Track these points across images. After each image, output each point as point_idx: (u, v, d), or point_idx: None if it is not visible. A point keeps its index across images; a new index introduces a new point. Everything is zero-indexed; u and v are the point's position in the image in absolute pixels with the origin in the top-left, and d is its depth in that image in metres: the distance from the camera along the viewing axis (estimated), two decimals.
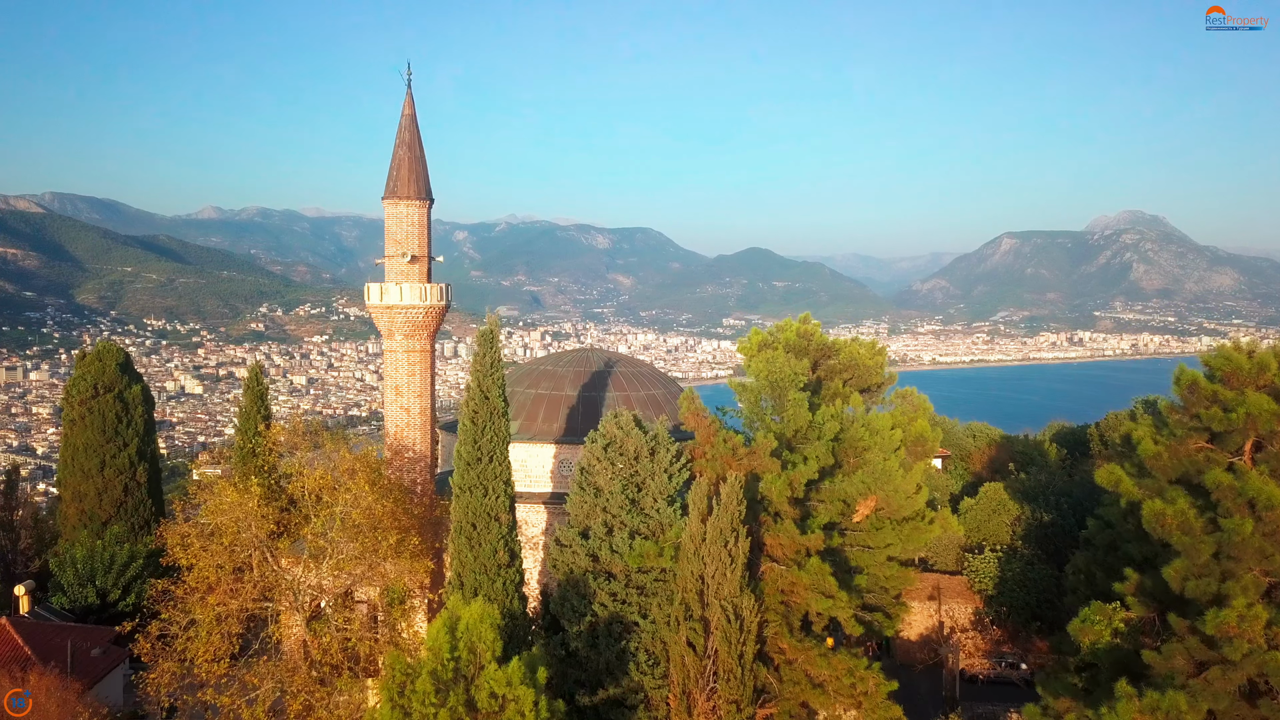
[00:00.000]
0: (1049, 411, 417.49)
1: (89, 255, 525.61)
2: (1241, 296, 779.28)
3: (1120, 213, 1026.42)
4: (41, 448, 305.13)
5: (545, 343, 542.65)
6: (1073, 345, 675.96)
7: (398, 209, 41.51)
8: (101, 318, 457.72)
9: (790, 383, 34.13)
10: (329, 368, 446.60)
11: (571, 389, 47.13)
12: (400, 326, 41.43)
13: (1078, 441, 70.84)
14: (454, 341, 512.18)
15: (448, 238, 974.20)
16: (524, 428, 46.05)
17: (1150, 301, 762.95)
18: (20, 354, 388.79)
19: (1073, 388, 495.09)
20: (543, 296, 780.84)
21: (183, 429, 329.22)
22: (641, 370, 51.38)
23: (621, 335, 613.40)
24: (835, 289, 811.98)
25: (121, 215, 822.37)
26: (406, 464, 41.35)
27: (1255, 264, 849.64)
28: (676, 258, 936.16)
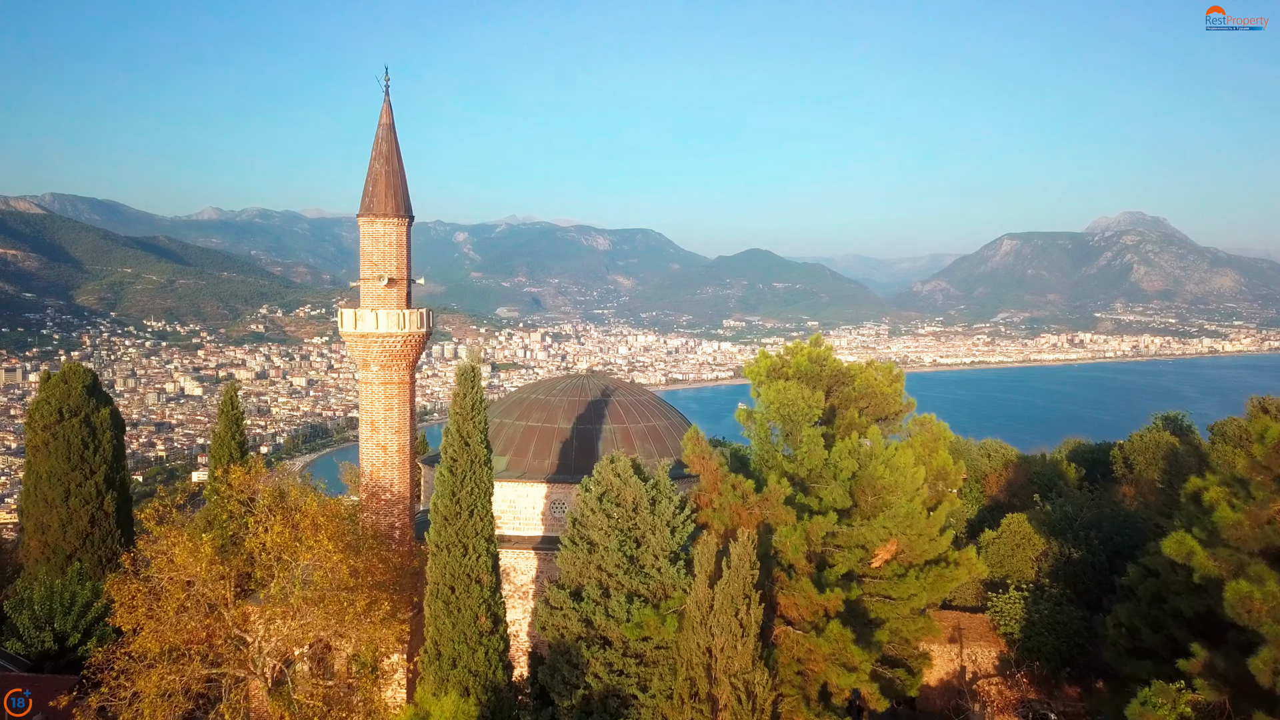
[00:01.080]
0: (1051, 414, 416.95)
1: (89, 256, 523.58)
2: (1242, 298, 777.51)
3: (1121, 214, 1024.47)
4: None
5: (545, 344, 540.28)
6: (1073, 347, 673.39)
7: (374, 227, 37.78)
8: (101, 319, 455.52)
9: (804, 417, 31.32)
10: (329, 369, 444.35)
11: (565, 421, 43.07)
12: (376, 356, 37.39)
13: (1097, 461, 66.69)
14: (454, 343, 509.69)
15: (448, 239, 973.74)
16: (513, 464, 42.43)
17: (1151, 303, 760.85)
18: (20, 355, 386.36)
19: (1075, 390, 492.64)
20: (543, 298, 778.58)
21: (182, 431, 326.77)
22: (642, 399, 46.74)
23: (622, 336, 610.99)
24: (836, 290, 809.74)
25: (122, 216, 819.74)
26: (383, 507, 37.37)
27: (1256, 265, 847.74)
28: (677, 259, 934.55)
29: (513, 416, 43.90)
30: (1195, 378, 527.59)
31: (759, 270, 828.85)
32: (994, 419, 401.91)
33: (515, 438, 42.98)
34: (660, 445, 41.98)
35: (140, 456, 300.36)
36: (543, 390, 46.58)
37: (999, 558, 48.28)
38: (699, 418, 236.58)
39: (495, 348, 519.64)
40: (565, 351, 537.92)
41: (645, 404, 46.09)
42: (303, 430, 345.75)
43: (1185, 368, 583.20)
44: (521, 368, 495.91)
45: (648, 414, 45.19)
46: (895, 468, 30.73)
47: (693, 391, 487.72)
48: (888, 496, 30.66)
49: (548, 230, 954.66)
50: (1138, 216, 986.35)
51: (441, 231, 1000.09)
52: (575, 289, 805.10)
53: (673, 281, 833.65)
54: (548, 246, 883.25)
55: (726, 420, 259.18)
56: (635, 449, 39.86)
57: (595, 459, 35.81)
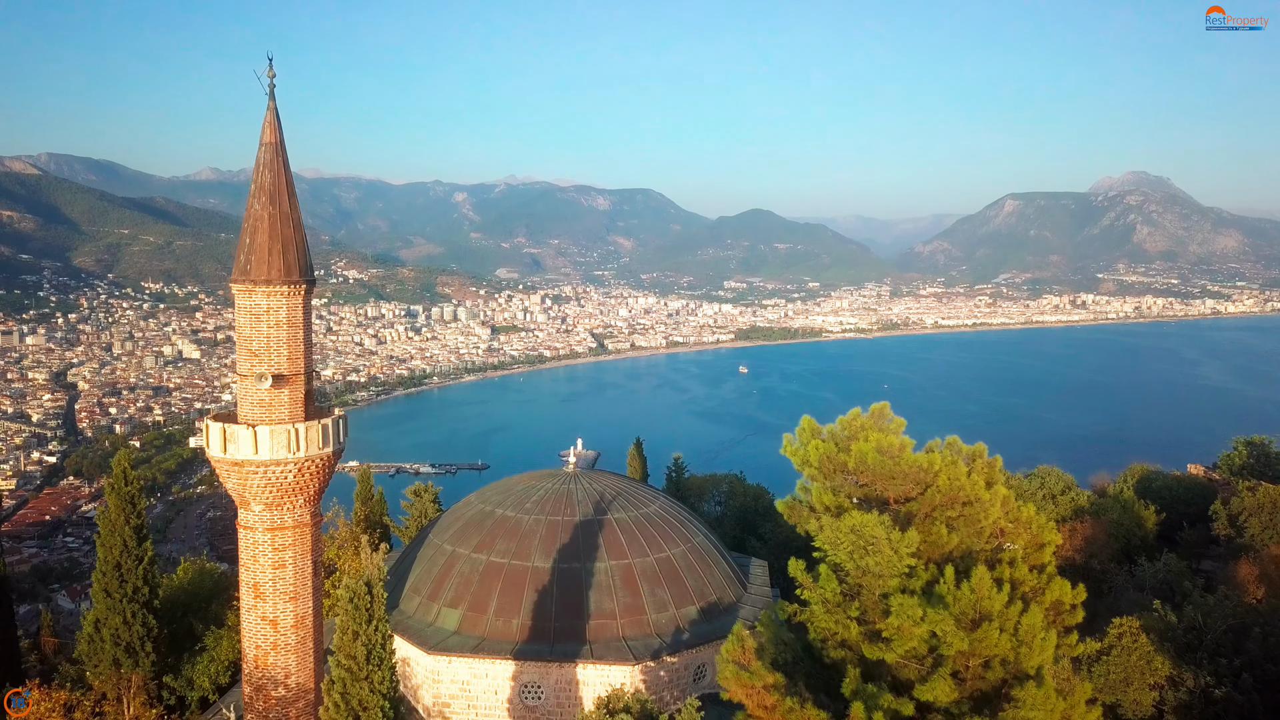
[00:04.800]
0: (1056, 379, 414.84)
1: (86, 218, 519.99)
2: (1245, 259, 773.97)
3: (1125, 174, 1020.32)
4: (36, 414, 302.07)
5: (545, 306, 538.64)
6: (1075, 308, 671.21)
7: (253, 299, 25.37)
8: (99, 281, 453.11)
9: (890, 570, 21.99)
10: (328, 331, 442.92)
11: (543, 555, 29.86)
12: (259, 492, 25.31)
13: (1176, 499, 57.25)
14: (453, 305, 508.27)
15: (447, 199, 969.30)
16: (468, 623, 29.36)
17: (1154, 264, 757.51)
18: (16, 318, 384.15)
19: (1079, 353, 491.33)
20: (543, 259, 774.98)
21: (179, 395, 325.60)
22: (648, 513, 32.40)
23: (622, 299, 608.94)
24: (837, 251, 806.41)
25: (118, 177, 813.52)
26: (274, 707, 26.34)
27: (1260, 226, 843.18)
28: (677, 219, 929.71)
29: (469, 544, 30.56)
30: (1198, 340, 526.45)
31: (760, 231, 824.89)
32: (999, 383, 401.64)
33: (472, 581, 29.86)
34: (678, 590, 29.86)
35: (138, 422, 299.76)
36: (512, 500, 32.52)
37: (1109, 681, 36.13)
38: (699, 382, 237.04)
39: (495, 310, 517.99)
40: (565, 314, 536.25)
41: (654, 519, 32.29)
42: None
43: (1188, 329, 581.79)
44: (521, 330, 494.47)
45: (658, 537, 31.80)
46: (1023, 638, 21.61)
47: (693, 355, 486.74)
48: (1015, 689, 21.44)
49: (547, 190, 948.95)
50: (1141, 177, 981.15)
51: (440, 191, 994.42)
52: (575, 250, 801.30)
53: (673, 242, 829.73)
54: (547, 207, 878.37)
55: (727, 384, 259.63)
56: (642, 600, 28.97)
57: (584, 619, 27.44)
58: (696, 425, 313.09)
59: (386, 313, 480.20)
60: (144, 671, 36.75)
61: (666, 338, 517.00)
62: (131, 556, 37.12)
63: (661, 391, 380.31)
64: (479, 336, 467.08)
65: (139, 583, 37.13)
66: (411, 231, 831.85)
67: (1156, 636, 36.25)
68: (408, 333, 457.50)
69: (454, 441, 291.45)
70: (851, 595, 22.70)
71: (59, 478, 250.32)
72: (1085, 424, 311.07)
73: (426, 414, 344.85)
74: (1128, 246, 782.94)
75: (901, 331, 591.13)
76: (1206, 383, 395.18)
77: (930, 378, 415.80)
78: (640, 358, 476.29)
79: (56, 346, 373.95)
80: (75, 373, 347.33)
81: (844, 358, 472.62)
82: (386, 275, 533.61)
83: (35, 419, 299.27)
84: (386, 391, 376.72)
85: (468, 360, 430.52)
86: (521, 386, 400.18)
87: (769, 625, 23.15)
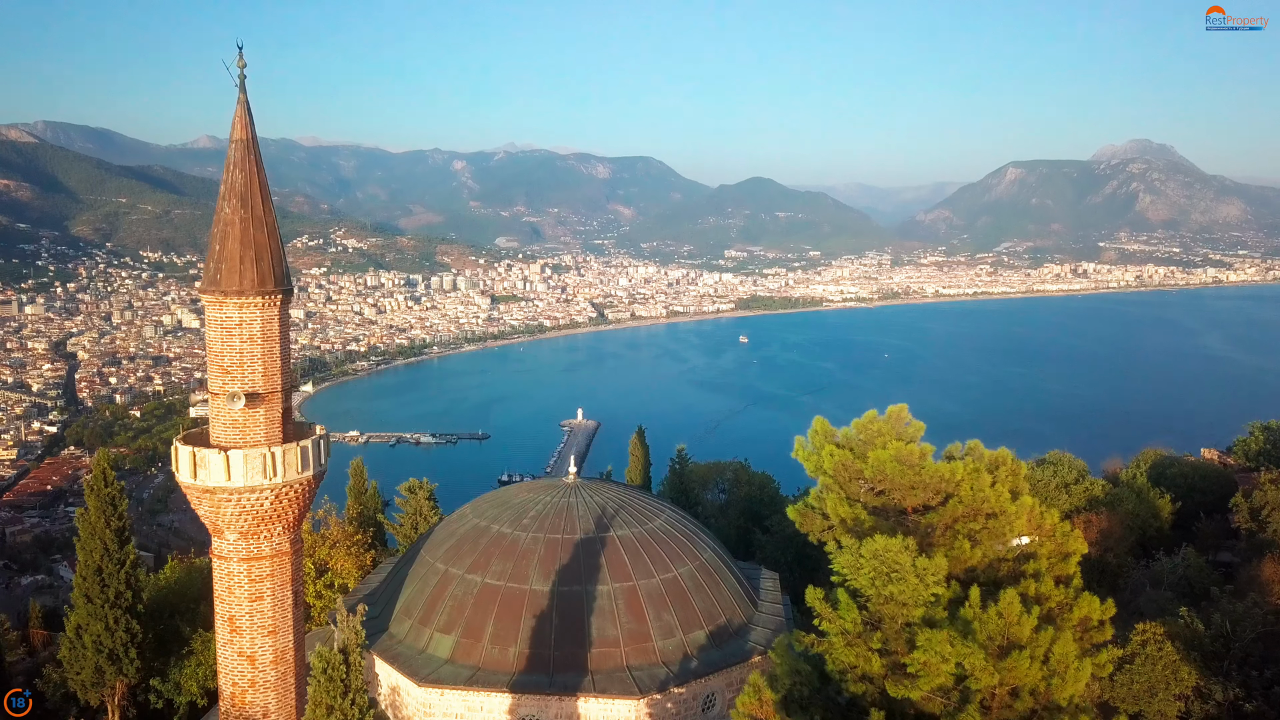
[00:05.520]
0: (1057, 348, 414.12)
1: (83, 186, 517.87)
2: (1248, 227, 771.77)
3: (1128, 142, 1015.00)
4: (37, 384, 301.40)
5: (545, 275, 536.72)
6: (1077, 277, 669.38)
7: (224, 311, 22.98)
8: (97, 250, 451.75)
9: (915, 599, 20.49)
10: (327, 301, 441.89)
11: (541, 577, 27.18)
12: (233, 520, 23.04)
13: (1192, 488, 55.38)
14: (453, 274, 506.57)
15: (446, 167, 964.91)
16: (462, 651, 26.67)
17: (1155, 232, 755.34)
18: (15, 287, 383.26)
19: (1079, 322, 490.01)
20: (542, 228, 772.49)
21: (179, 364, 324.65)
22: (653, 528, 29.58)
23: (622, 268, 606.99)
24: (838, 220, 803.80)
25: (115, 145, 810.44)
26: None
27: (1263, 194, 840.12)
28: (678, 188, 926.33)
29: (463, 564, 27.70)
30: (1199, 309, 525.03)
31: (761, 199, 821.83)
32: (1000, 353, 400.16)
33: (466, 605, 27.07)
34: (686, 614, 27.20)
35: (138, 391, 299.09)
36: (509, 516, 29.43)
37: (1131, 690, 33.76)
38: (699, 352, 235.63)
39: (494, 279, 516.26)
40: (565, 283, 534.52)
41: (659, 535, 29.51)
42: (301, 364, 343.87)
43: (1189, 298, 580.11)
44: (521, 300, 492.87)
45: (664, 555, 28.90)
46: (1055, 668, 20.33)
47: (693, 325, 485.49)
48: None
49: (547, 159, 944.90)
50: (1145, 144, 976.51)
51: (439, 160, 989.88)
52: (575, 219, 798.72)
53: (674, 211, 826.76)
54: (547, 175, 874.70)
55: (728, 355, 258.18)
56: (647, 625, 26.58)
57: (585, 647, 25.21)
58: (697, 396, 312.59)
59: (386, 282, 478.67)
60: (128, 679, 35.70)
61: (667, 307, 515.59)
62: (113, 560, 35.66)
63: (662, 362, 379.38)
64: (479, 306, 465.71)
65: (121, 587, 35.68)
66: (410, 200, 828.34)
67: (1182, 644, 34.26)
68: (407, 302, 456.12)
69: (454, 411, 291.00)
70: (873, 625, 21.47)
71: (59, 447, 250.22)
72: (1086, 395, 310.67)
73: (427, 384, 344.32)
74: (1130, 215, 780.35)
75: (902, 301, 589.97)
76: (1207, 352, 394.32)
77: (930, 348, 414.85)
78: (640, 327, 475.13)
79: (56, 316, 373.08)
80: (75, 342, 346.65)
81: (844, 327, 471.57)
82: (386, 244, 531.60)
83: (35, 389, 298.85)
84: (386, 361, 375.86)
85: (467, 330, 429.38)
86: (522, 356, 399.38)
87: (784, 656, 21.88)
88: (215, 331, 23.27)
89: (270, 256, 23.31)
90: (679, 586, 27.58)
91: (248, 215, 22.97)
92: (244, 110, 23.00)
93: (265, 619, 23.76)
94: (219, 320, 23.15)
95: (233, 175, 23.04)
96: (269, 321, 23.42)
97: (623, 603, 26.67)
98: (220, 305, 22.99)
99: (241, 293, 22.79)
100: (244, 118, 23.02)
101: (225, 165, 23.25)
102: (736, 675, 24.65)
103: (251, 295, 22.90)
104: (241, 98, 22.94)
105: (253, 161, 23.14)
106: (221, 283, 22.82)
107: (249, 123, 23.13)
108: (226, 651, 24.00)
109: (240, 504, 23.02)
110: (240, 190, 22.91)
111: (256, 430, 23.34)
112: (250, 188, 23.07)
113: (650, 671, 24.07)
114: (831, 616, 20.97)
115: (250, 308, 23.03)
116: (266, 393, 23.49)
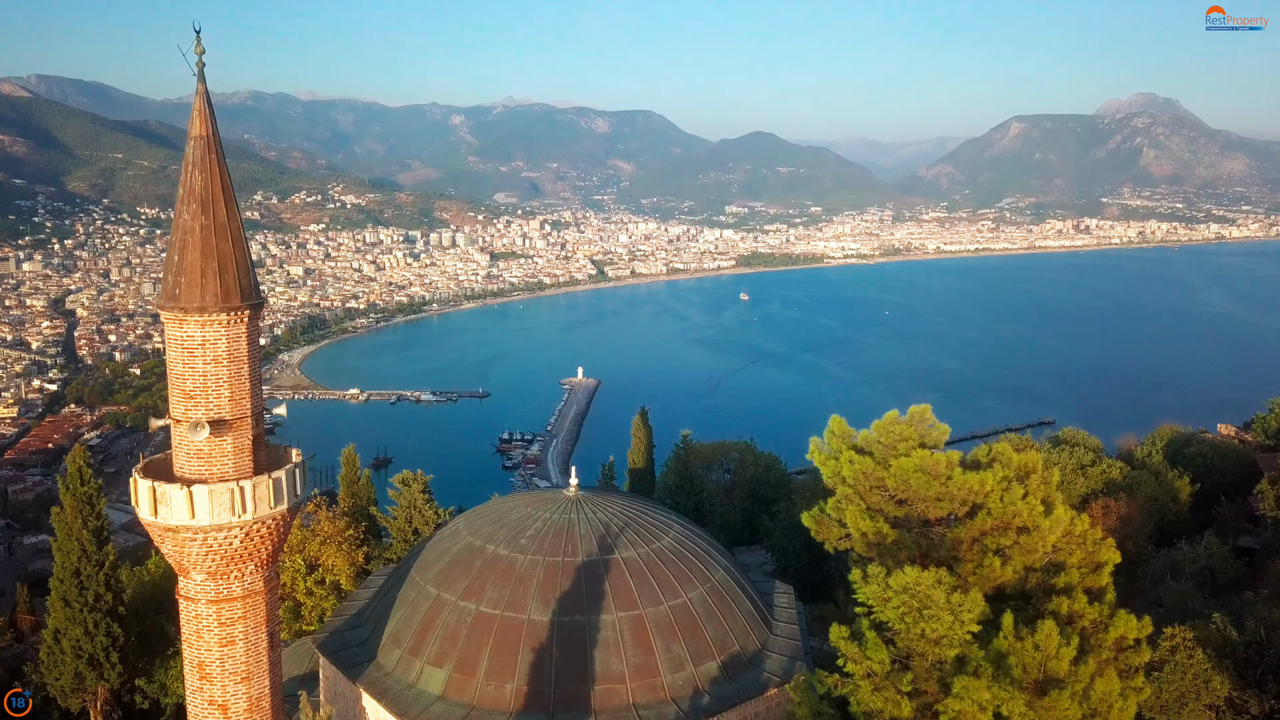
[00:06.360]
0: (1057, 304, 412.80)
1: (78, 142, 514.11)
2: (1252, 182, 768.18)
3: (1132, 96, 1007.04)
4: (36, 342, 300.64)
5: (544, 232, 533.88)
6: (1079, 233, 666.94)
7: (184, 330, 20.39)
8: (94, 206, 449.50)
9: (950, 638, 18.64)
10: (326, 258, 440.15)
11: (540, 606, 24.26)
12: (199, 561, 20.61)
13: (1209, 467, 53.95)
14: (451, 231, 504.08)
15: (444, 122, 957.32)
16: (455, 687, 23.69)
17: (1159, 188, 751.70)
18: (12, 244, 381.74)
19: (1081, 278, 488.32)
20: (541, 183, 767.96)
21: None
22: (661, 546, 26.38)
23: (622, 224, 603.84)
24: (839, 175, 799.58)
25: (110, 100, 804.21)
26: None
27: (1268, 148, 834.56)
28: (678, 142, 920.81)
29: (456, 589, 24.80)
30: (1202, 265, 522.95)
31: (762, 154, 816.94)
32: (1000, 310, 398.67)
33: (459, 635, 24.10)
34: (697, 644, 24.31)
35: (137, 349, 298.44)
36: (505, 535, 26.30)
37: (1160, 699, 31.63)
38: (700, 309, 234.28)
39: (493, 235, 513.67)
40: (565, 240, 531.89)
41: (668, 556, 26.27)
42: (300, 321, 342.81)
43: (1191, 254, 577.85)
44: (520, 256, 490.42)
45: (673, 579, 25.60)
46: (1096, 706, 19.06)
47: (694, 282, 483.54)
48: None
49: (546, 113, 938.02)
50: (1150, 99, 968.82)
51: (437, 114, 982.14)
52: (574, 174, 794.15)
53: (674, 166, 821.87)
54: (546, 129, 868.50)
55: (728, 312, 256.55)
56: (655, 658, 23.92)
57: (588, 683, 23.00)
58: (697, 354, 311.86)
59: (385, 238, 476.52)
60: (110, 684, 34.41)
61: (667, 264, 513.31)
62: (91, 562, 34.08)
63: (662, 319, 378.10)
64: (478, 263, 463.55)
65: (101, 589, 34.17)
66: (409, 155, 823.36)
67: (1214, 651, 32.11)
68: (406, 259, 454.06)
69: (455, 369, 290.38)
70: (902, 663, 20.07)
71: (60, 405, 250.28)
72: (1087, 353, 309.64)
73: (427, 341, 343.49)
74: (1133, 170, 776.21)
75: (903, 257, 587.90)
76: (1209, 310, 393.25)
77: (931, 304, 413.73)
78: (640, 285, 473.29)
79: (54, 273, 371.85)
80: (73, 300, 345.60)
81: (845, 284, 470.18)
82: (384, 200, 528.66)
83: (35, 346, 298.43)
84: (386, 318, 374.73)
85: (467, 287, 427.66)
86: (521, 314, 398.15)
87: (805, 697, 20.46)
88: (176, 352, 20.62)
89: (236, 267, 20.45)
90: (689, 614, 25.13)
91: (209, 222, 20.15)
92: (203, 103, 20.46)
93: (238, 665, 21.37)
94: (179, 340, 20.49)
95: (191, 176, 20.20)
96: (235, 340, 20.63)
97: (628, 634, 24.20)
98: (180, 323, 20.35)
99: (204, 309, 20.11)
100: (204, 111, 20.44)
101: (183, 165, 20.47)
102: (751, 710, 22.49)
103: (215, 312, 20.17)
104: (201, 89, 20.43)
105: (214, 160, 20.38)
106: (181, 298, 20.19)
107: (210, 117, 20.52)
108: (196, 700, 21.62)
109: (207, 543, 20.52)
110: (201, 193, 20.10)
111: (223, 462, 20.63)
112: (212, 190, 20.24)
113: (659, 710, 22.07)
114: (858, 657, 19.46)
115: (214, 325, 20.31)
116: (234, 419, 20.67)
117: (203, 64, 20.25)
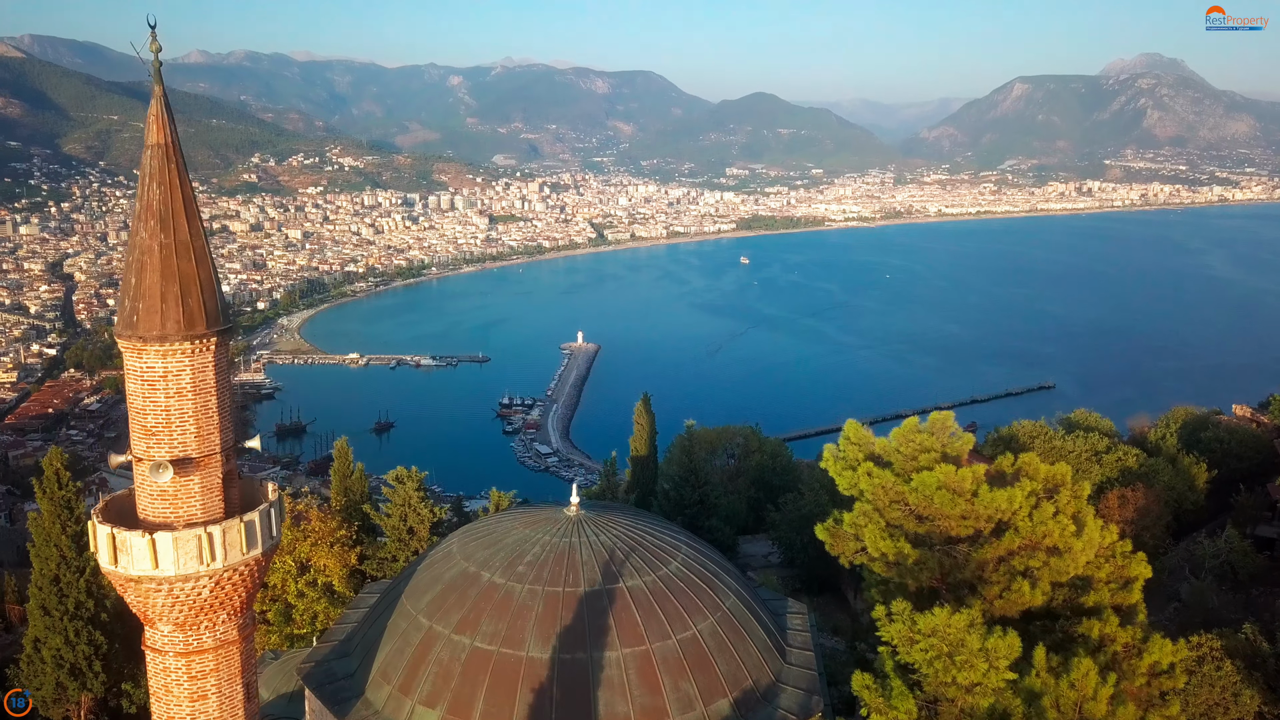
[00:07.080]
0: (1058, 268, 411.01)
1: (73, 103, 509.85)
2: (1256, 144, 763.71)
3: (1137, 56, 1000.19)
4: (34, 306, 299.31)
5: (543, 195, 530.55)
6: (1081, 196, 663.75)
7: (144, 360, 17.83)
8: (90, 169, 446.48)
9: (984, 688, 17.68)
10: (324, 221, 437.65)
11: (540, 641, 22.02)
12: (165, 612, 18.50)
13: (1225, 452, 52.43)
14: (450, 193, 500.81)
15: (442, 83, 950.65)
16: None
17: (1162, 150, 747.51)
18: (9, 207, 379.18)
19: (1083, 242, 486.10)
20: (540, 145, 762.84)
21: None
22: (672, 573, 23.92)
23: (622, 187, 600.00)
24: (841, 137, 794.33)
25: (105, 60, 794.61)
26: None
27: (1273, 110, 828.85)
28: (679, 103, 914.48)
29: (449, 621, 22.70)
30: (1204, 228, 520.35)
31: (763, 116, 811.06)
32: (1001, 273, 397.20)
33: (453, 673, 21.93)
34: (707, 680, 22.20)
35: None
36: (501, 560, 23.98)
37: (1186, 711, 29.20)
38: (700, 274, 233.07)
39: (492, 198, 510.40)
40: (564, 203, 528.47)
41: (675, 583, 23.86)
42: (299, 285, 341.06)
43: (1194, 217, 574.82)
44: (519, 220, 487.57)
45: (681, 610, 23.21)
46: None
47: (694, 246, 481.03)
48: None
49: (545, 74, 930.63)
50: (1155, 59, 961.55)
51: (435, 75, 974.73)
52: (573, 136, 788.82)
53: (674, 127, 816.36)
54: (545, 90, 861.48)
55: (728, 276, 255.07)
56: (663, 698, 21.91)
57: None
58: (698, 318, 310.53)
59: (383, 201, 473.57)
60: (93, 693, 33.22)
61: (667, 228, 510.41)
62: (71, 569, 32.81)
63: (662, 284, 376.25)
64: (477, 226, 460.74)
65: (81, 597, 32.88)
66: (407, 117, 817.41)
67: (1243, 663, 30.89)
68: (405, 222, 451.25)
69: (454, 333, 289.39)
70: (929, 710, 18.87)
71: (59, 370, 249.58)
72: (1088, 316, 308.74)
73: (426, 305, 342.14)
74: (1137, 132, 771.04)
75: (905, 220, 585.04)
76: (1210, 273, 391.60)
77: (932, 268, 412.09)
78: (640, 248, 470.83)
79: (51, 236, 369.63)
80: (71, 263, 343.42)
81: (846, 248, 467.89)
82: (383, 163, 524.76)
83: (33, 310, 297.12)
84: (385, 282, 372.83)
85: (466, 251, 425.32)
86: (521, 278, 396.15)
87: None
88: (135, 385, 18.05)
89: (200, 290, 17.94)
90: (699, 647, 22.76)
91: (169, 240, 17.59)
92: (161, 107, 17.81)
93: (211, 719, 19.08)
94: (139, 371, 17.94)
95: (149, 190, 17.67)
96: (201, 371, 18.13)
97: (634, 672, 22.01)
98: (139, 353, 17.81)
99: (164, 338, 17.61)
100: (160, 116, 17.81)
101: (139, 178, 18.00)
102: None
103: (177, 340, 17.66)
104: (158, 90, 17.80)
105: (174, 170, 17.74)
106: (139, 326, 17.62)
107: (168, 122, 17.82)
108: None
109: (173, 594, 18.33)
110: (159, 208, 17.54)
111: (190, 504, 18.27)
112: (173, 205, 17.67)
113: None
114: (883, 708, 18.34)
115: (177, 355, 17.80)
116: (201, 457, 18.25)
117: (159, 63, 17.80)
